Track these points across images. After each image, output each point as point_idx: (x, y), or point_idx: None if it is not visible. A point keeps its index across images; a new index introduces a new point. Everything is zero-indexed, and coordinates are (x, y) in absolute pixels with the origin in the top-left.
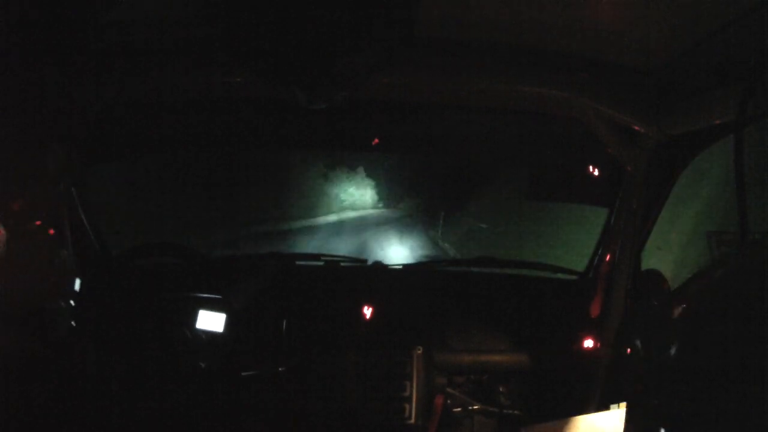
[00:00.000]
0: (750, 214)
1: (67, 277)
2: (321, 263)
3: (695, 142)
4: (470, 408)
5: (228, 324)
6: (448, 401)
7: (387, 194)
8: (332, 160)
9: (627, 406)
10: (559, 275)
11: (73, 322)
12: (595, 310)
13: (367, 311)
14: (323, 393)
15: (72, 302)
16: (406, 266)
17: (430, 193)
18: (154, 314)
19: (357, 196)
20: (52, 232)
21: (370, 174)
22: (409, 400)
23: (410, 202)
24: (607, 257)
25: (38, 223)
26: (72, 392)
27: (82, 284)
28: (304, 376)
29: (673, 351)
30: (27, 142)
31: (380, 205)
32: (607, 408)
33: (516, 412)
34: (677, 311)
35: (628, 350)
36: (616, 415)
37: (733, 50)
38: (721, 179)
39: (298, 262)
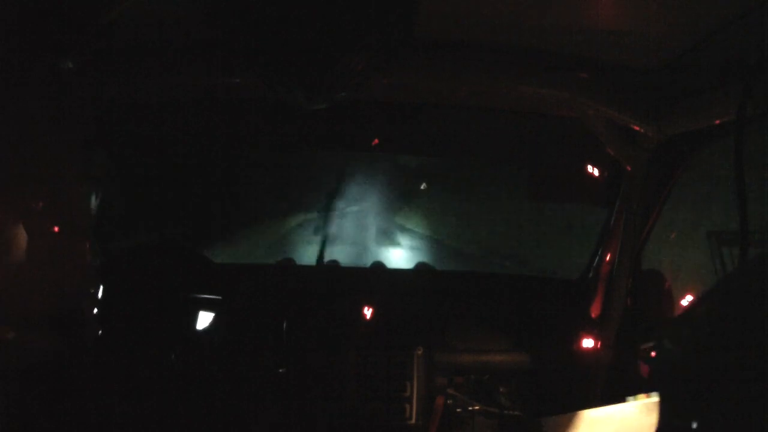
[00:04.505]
0: (750, 214)
1: (68, 276)
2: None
3: (695, 142)
4: (471, 408)
5: (228, 325)
6: (449, 402)
7: (387, 195)
8: (332, 161)
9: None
10: (559, 276)
11: (73, 321)
12: (595, 310)
13: (368, 312)
14: (323, 393)
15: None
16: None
17: (431, 194)
18: (154, 315)
19: (356, 197)
20: (52, 232)
21: (370, 175)
22: (409, 400)
23: (411, 202)
24: (607, 257)
25: (37, 223)
26: (71, 392)
27: (81, 284)
28: (305, 376)
29: (707, 352)
30: (26, 144)
31: (380, 206)
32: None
33: (517, 412)
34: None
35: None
36: (634, 407)
37: (733, 50)
38: (721, 179)
39: (298, 263)
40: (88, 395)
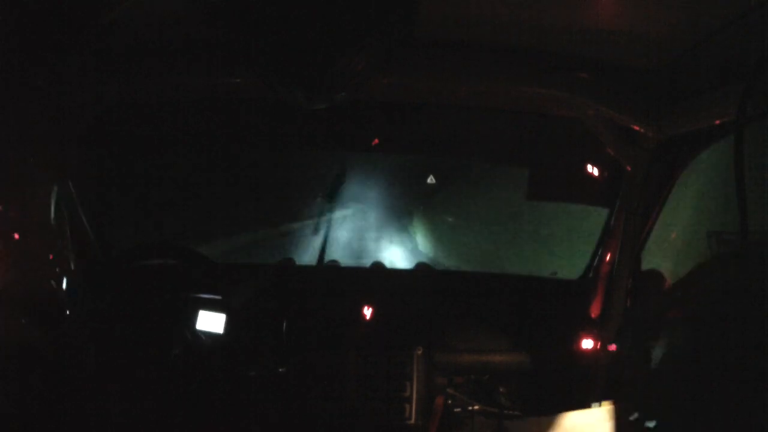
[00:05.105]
0: (750, 214)
1: (68, 276)
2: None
3: (695, 142)
4: (471, 408)
5: (228, 325)
6: (449, 402)
7: (387, 196)
8: (332, 161)
9: (617, 403)
10: (559, 276)
11: (73, 320)
12: (595, 310)
13: (368, 312)
14: (323, 393)
15: (73, 301)
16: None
17: (431, 194)
18: (155, 315)
19: (356, 197)
20: (52, 231)
21: (370, 175)
22: (409, 400)
23: (411, 203)
24: (607, 257)
25: (38, 223)
26: (71, 391)
27: (81, 284)
28: (305, 376)
29: (670, 352)
30: (27, 142)
31: (380, 206)
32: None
33: (516, 412)
34: (674, 312)
35: (615, 348)
36: (598, 413)
37: (733, 50)
38: (721, 179)
39: (298, 263)
40: (87, 395)
